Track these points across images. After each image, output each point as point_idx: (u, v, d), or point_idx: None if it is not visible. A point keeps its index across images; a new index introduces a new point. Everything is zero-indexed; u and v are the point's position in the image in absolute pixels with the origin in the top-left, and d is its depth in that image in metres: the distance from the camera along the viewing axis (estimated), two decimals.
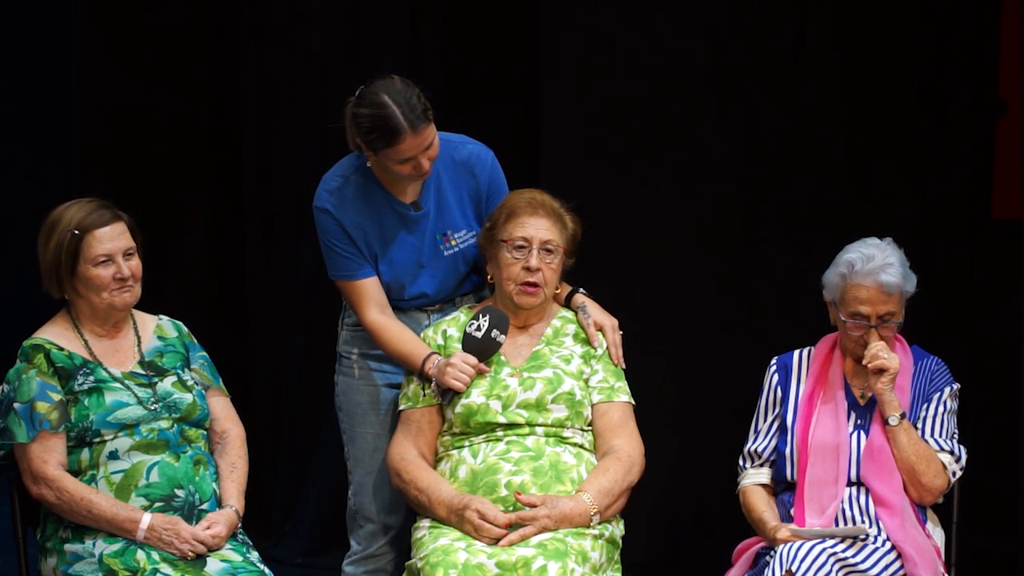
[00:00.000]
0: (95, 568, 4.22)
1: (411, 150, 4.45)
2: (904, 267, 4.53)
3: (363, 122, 4.45)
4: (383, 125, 4.42)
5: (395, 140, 4.43)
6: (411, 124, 4.42)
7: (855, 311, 4.51)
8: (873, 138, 5.69)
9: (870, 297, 4.50)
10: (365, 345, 4.78)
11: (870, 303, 4.50)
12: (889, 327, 4.52)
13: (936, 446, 4.53)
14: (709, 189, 5.76)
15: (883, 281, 4.49)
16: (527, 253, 4.58)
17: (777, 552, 4.30)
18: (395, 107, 4.41)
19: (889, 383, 4.48)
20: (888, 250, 4.53)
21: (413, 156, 4.47)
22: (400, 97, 4.43)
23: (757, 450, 4.67)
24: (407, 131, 4.42)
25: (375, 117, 4.43)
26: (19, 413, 4.28)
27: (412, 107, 4.42)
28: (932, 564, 4.40)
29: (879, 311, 4.50)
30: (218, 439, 4.53)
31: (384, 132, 4.42)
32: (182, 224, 6.51)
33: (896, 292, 4.50)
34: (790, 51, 5.70)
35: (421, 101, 4.45)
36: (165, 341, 4.52)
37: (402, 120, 4.41)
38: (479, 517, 4.35)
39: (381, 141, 4.44)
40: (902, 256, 4.55)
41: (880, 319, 4.50)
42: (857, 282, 4.51)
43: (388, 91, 4.44)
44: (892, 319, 4.51)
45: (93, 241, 4.33)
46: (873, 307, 4.50)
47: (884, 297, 4.50)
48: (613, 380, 4.65)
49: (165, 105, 6.46)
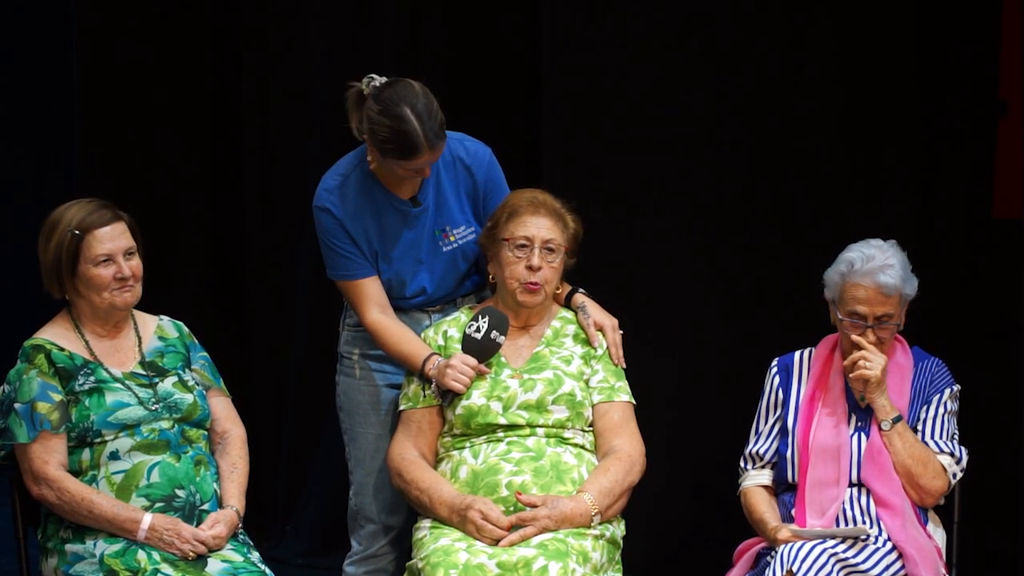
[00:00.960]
0: (96, 568, 4.22)
1: (423, 163, 4.48)
2: (905, 270, 4.52)
3: (380, 131, 4.44)
4: (402, 141, 4.42)
5: (411, 156, 4.44)
6: (429, 142, 4.42)
7: (852, 310, 4.51)
8: (874, 138, 5.68)
9: (868, 297, 4.50)
10: (366, 345, 4.78)
11: (867, 303, 4.50)
12: (886, 329, 4.52)
13: (935, 448, 4.53)
14: (710, 189, 5.75)
15: (881, 282, 4.48)
16: (529, 252, 4.58)
17: (778, 552, 4.30)
18: (416, 123, 4.40)
19: (875, 389, 4.47)
20: (889, 252, 4.52)
21: (422, 167, 4.48)
22: (422, 113, 4.41)
23: (758, 452, 4.67)
24: (425, 149, 4.43)
25: (394, 130, 4.42)
26: (20, 413, 4.28)
27: (431, 125, 4.42)
28: (933, 564, 4.40)
29: (876, 312, 4.50)
30: (219, 439, 4.53)
31: (401, 147, 4.43)
32: (183, 224, 6.51)
33: (894, 294, 4.50)
34: (791, 52, 5.69)
35: (439, 117, 4.44)
36: (166, 341, 4.52)
37: (421, 138, 4.41)
38: (482, 518, 4.35)
39: (396, 153, 4.45)
40: (904, 259, 4.54)
41: (877, 320, 4.50)
42: (856, 281, 4.50)
43: (410, 103, 4.43)
44: (889, 321, 4.51)
45: (93, 241, 4.32)
46: (871, 307, 4.50)
47: (882, 298, 4.49)
48: (613, 380, 4.65)
49: (166, 105, 6.46)
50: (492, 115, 5.86)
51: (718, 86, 5.72)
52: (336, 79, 5.97)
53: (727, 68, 5.71)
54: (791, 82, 5.70)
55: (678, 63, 5.73)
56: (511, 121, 6.01)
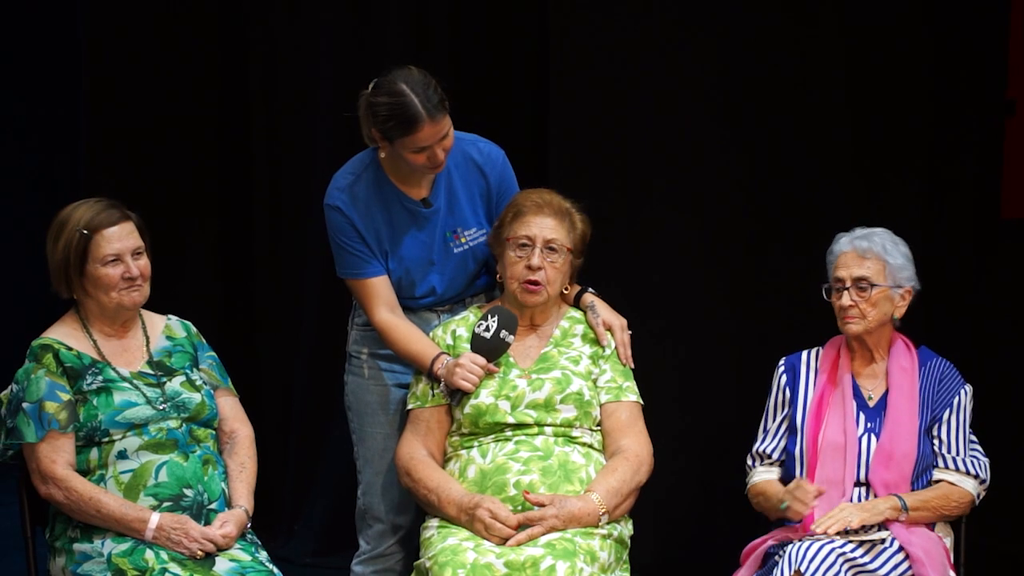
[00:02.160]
0: (104, 567, 4.22)
1: (428, 139, 4.46)
2: (894, 246, 4.58)
3: (380, 110, 4.46)
4: (401, 113, 4.43)
5: (413, 128, 4.43)
6: (429, 113, 4.43)
7: (834, 276, 4.60)
8: (881, 138, 5.68)
9: (845, 261, 4.59)
10: (375, 345, 4.78)
11: (845, 266, 4.58)
12: (866, 297, 4.53)
13: (957, 468, 4.53)
14: (717, 189, 5.76)
15: (857, 245, 4.57)
16: (530, 251, 4.58)
17: (786, 552, 4.30)
18: (413, 95, 4.43)
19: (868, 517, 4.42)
20: (879, 230, 4.60)
21: (429, 145, 4.48)
22: (418, 87, 4.44)
23: (766, 450, 4.67)
24: (425, 119, 4.42)
25: (393, 105, 4.44)
26: (28, 413, 4.28)
27: (429, 96, 4.43)
28: (940, 565, 4.40)
29: (853, 273, 4.56)
30: (227, 439, 4.53)
31: (402, 120, 4.43)
32: (191, 224, 6.52)
33: (871, 257, 4.55)
34: (798, 53, 5.70)
35: (438, 91, 4.46)
36: (174, 341, 4.52)
37: (420, 108, 4.42)
38: (490, 517, 4.35)
39: (398, 130, 4.45)
40: (901, 246, 4.59)
41: (856, 283, 4.53)
42: (838, 251, 4.60)
43: (406, 80, 4.45)
44: (870, 287, 4.53)
45: (102, 241, 4.33)
46: (847, 270, 4.57)
47: (858, 259, 4.56)
48: (621, 380, 4.65)
49: (174, 106, 6.47)
50: (498, 115, 5.86)
51: (725, 85, 5.73)
52: (343, 80, 6.02)
53: (735, 67, 5.72)
54: (798, 82, 5.70)
55: (686, 65, 5.74)
56: (518, 121, 6.01)
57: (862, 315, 4.56)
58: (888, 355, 4.65)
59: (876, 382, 4.64)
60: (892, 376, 4.60)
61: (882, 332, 4.63)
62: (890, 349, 4.65)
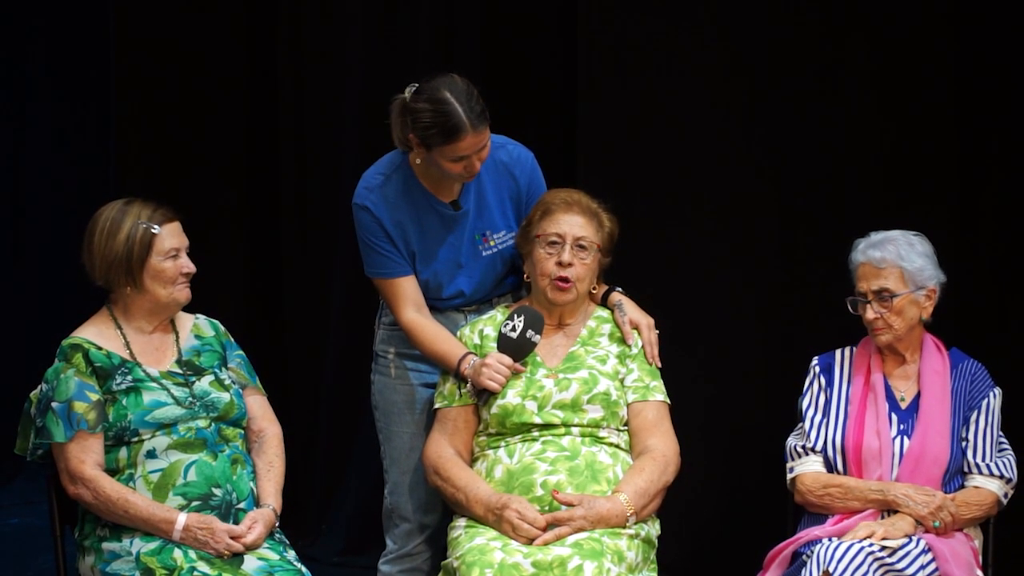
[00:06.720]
0: (132, 567, 4.23)
1: (468, 149, 4.47)
2: (909, 248, 4.54)
3: (422, 116, 4.46)
4: (444, 121, 4.43)
5: (455, 138, 4.44)
6: (472, 123, 4.43)
7: (857, 288, 4.58)
8: (911, 140, 5.66)
9: (864, 272, 4.57)
10: (401, 344, 4.78)
11: (864, 278, 4.57)
12: (889, 307, 4.52)
13: (986, 471, 4.52)
14: (744, 190, 5.75)
15: (871, 256, 4.55)
16: (560, 248, 4.58)
17: (814, 552, 4.29)
18: (457, 104, 4.43)
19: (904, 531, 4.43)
20: (895, 233, 4.56)
21: (468, 155, 4.48)
22: (462, 96, 4.45)
23: (814, 447, 4.63)
24: (468, 129, 4.43)
25: (436, 112, 4.44)
26: (57, 412, 4.30)
27: (472, 107, 4.44)
28: (967, 564, 4.39)
29: (872, 286, 4.54)
30: (255, 438, 4.54)
31: (445, 129, 4.44)
32: (219, 223, 6.52)
33: (886, 267, 4.52)
34: (825, 57, 5.68)
35: (480, 102, 4.47)
36: (202, 340, 4.54)
37: (464, 118, 4.43)
38: (518, 517, 4.35)
39: (440, 137, 4.45)
40: (918, 245, 4.56)
41: (876, 295, 4.52)
42: (857, 261, 4.58)
43: (450, 88, 4.46)
44: (890, 297, 4.51)
45: (165, 235, 4.37)
46: (867, 282, 4.56)
47: (875, 271, 4.54)
48: (648, 379, 4.64)
49: (202, 104, 6.48)
50: (527, 117, 5.85)
51: (753, 89, 5.72)
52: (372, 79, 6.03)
53: (763, 72, 5.71)
54: (826, 87, 5.69)
55: (714, 69, 5.73)
56: (546, 123, 6.01)
57: (888, 326, 4.55)
58: (920, 356, 4.63)
59: (908, 383, 4.62)
60: (924, 378, 4.58)
61: (912, 335, 4.62)
62: (921, 349, 4.63)
